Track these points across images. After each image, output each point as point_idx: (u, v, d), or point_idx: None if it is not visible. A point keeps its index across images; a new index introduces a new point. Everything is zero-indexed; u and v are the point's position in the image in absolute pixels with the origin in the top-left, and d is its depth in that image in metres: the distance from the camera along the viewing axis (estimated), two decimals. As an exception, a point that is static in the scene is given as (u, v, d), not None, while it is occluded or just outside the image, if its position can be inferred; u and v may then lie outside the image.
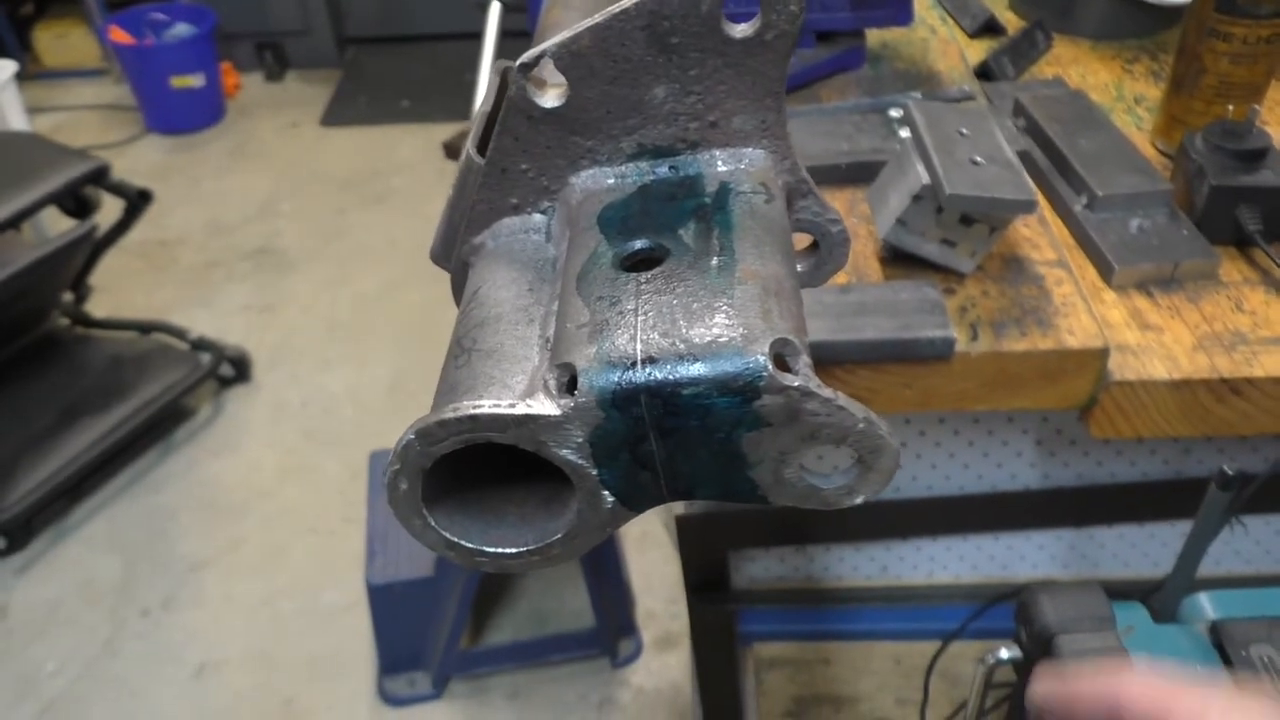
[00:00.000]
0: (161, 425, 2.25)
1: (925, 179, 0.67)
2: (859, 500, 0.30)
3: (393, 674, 1.74)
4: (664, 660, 1.78)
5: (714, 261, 0.30)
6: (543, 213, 0.37)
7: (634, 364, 0.28)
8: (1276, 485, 0.81)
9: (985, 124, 0.72)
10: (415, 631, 1.70)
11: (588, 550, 0.32)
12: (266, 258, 2.81)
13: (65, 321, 2.30)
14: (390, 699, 1.73)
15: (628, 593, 1.81)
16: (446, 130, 3.19)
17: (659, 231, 0.33)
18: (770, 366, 0.27)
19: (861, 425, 0.28)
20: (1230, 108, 0.79)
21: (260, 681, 1.80)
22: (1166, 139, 0.87)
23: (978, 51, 1.03)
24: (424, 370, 2.33)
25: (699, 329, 0.28)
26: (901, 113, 0.83)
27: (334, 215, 2.95)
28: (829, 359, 0.66)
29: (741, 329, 0.28)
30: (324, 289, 2.68)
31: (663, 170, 0.35)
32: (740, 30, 0.32)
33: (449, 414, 0.29)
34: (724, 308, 0.29)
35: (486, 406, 0.28)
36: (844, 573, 1.06)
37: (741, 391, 0.27)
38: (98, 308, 2.37)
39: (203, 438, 2.28)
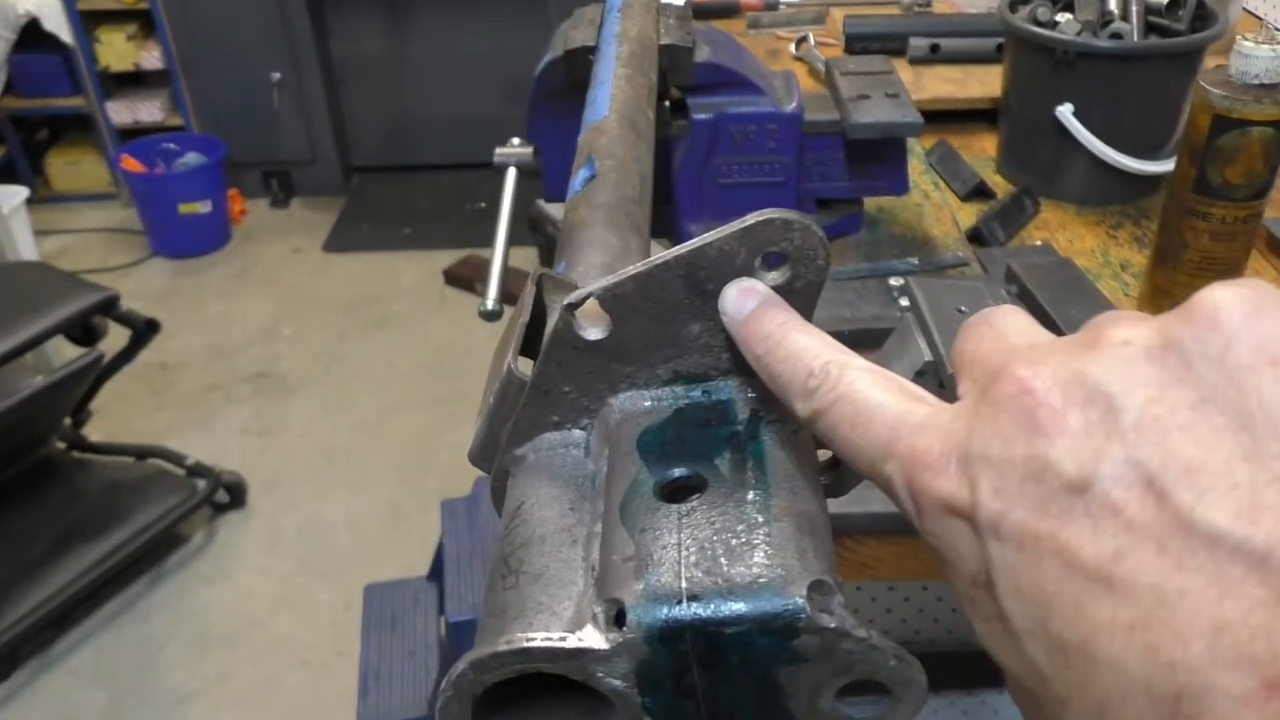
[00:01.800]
0: (153, 552, 2.23)
1: (928, 356, 0.70)
2: (887, 726, 0.31)
3: (382, 818, 1.69)
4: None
5: (750, 495, 0.33)
6: (582, 428, 0.39)
7: (680, 601, 0.30)
8: None
9: (980, 300, 0.75)
10: (407, 773, 1.66)
11: (626, 766, 0.33)
12: (266, 381, 2.83)
13: (62, 446, 2.31)
14: (378, 845, 1.68)
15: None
16: (448, 257, 3.27)
17: (695, 460, 0.35)
18: (808, 609, 0.29)
19: (893, 663, 0.30)
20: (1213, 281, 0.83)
21: (244, 825, 1.75)
22: (1153, 308, 0.91)
23: (969, 214, 1.08)
24: (422, 498, 2.33)
25: (740, 567, 0.30)
26: (901, 282, 0.87)
27: (335, 340, 2.99)
28: (837, 529, 0.67)
29: (780, 569, 0.30)
30: (322, 414, 2.70)
31: (696, 395, 0.38)
32: (771, 279, 0.35)
33: (503, 646, 0.30)
34: (762, 545, 0.31)
35: (539, 640, 0.30)
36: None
37: (781, 631, 0.29)
38: (95, 431, 2.38)
39: (195, 565, 2.26)
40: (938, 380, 0.71)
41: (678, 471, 0.35)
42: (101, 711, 1.94)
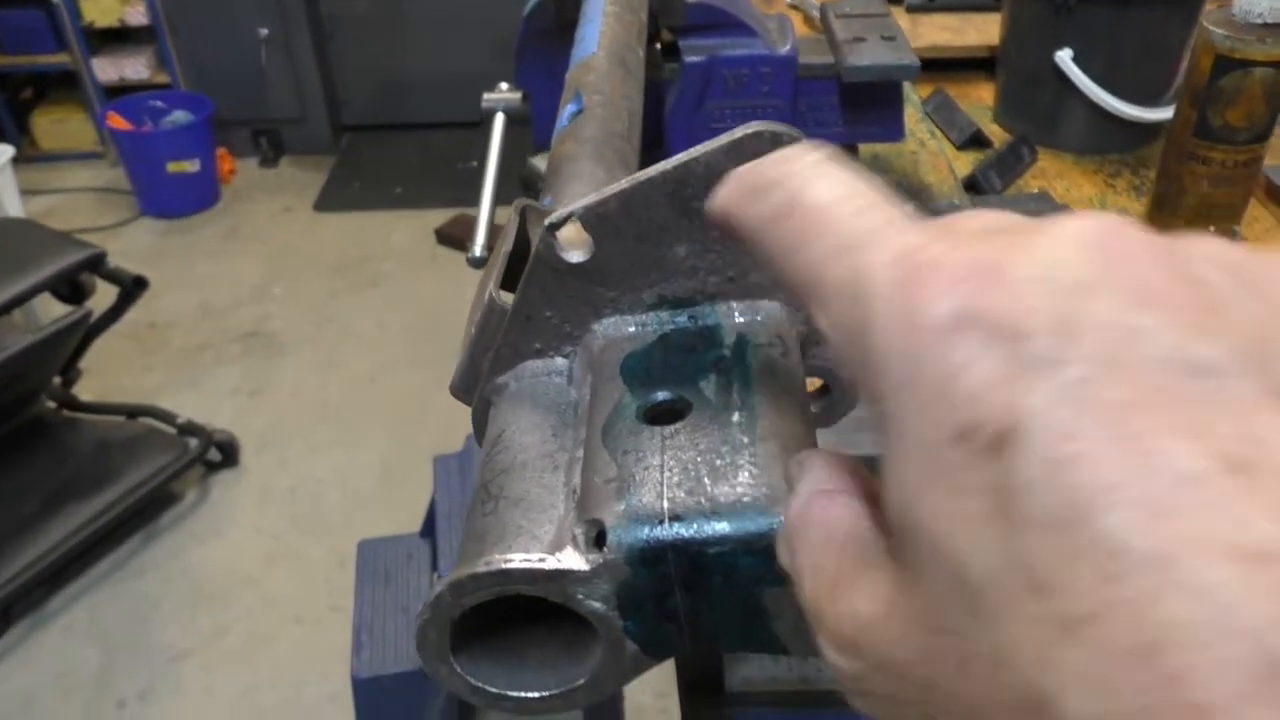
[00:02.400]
0: (146, 511, 2.23)
1: (920, 298, 0.69)
2: (877, 653, 0.31)
3: (376, 771, 1.71)
4: (653, 758, 1.75)
5: (735, 417, 0.32)
6: (565, 356, 0.38)
7: (661, 521, 0.29)
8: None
9: (977, 243, 0.74)
10: (400, 727, 1.67)
11: (609, 694, 0.33)
12: (257, 341, 2.82)
13: (52, 405, 2.30)
14: (373, 798, 1.69)
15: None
16: (439, 216, 3.24)
17: (680, 383, 0.34)
18: (793, 527, 0.28)
19: (880, 583, 0.29)
20: (1211, 228, 0.82)
21: (239, 778, 1.76)
22: (1150, 254, 0.90)
23: (965, 163, 1.07)
24: (414, 455, 2.32)
25: (724, 487, 0.29)
26: (894, 228, 0.86)
27: (325, 300, 2.97)
28: (829, 474, 0.67)
29: (765, 488, 0.29)
30: (314, 373, 2.69)
31: (682, 320, 0.36)
32: (759, 196, 0.34)
33: (481, 568, 0.29)
34: (747, 465, 0.30)
35: (517, 561, 0.29)
36: (839, 676, 1.06)
37: (765, 551, 0.28)
38: (86, 390, 2.37)
39: (188, 524, 2.26)
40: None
41: (661, 395, 0.34)
42: (96, 668, 1.95)
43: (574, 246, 0.36)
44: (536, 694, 0.33)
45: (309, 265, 3.13)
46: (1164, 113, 1.04)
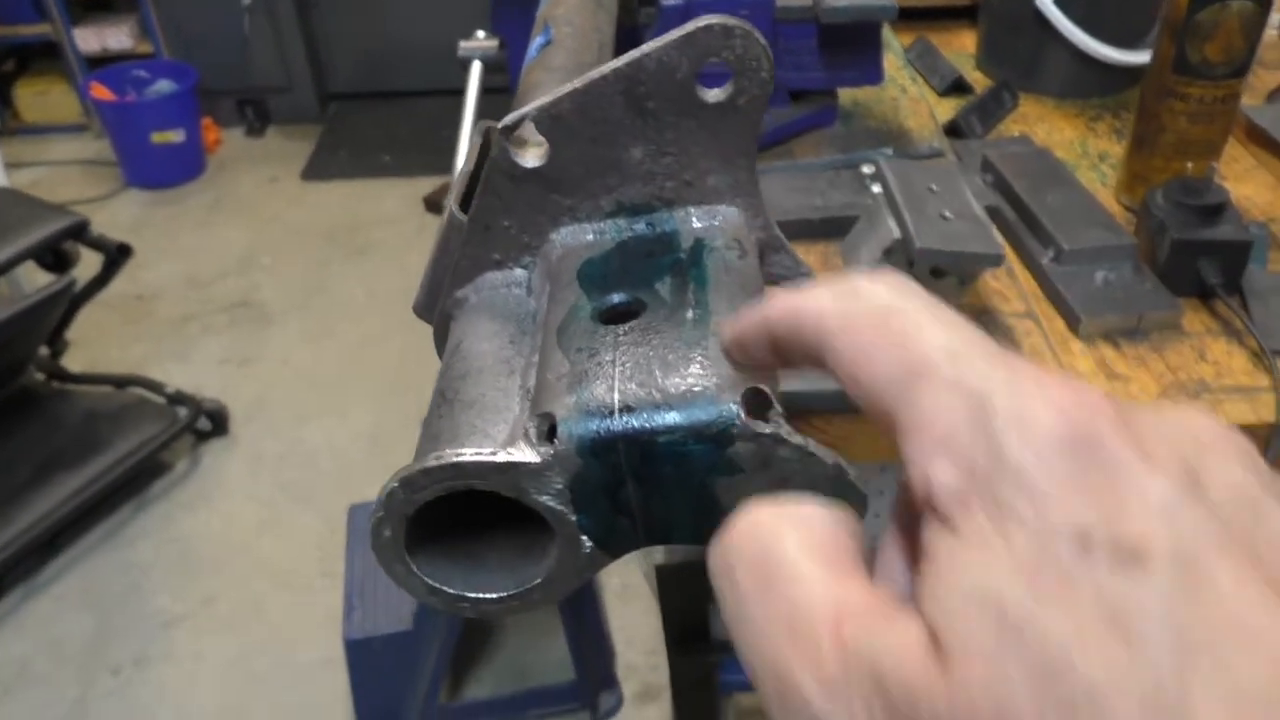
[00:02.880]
0: (137, 479, 2.23)
1: (896, 234, 0.69)
2: (831, 544, 0.31)
3: (370, 731, 1.72)
4: (645, 713, 1.76)
5: (689, 315, 0.32)
6: (524, 267, 0.38)
7: (612, 413, 0.29)
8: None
9: (954, 181, 0.74)
10: (393, 687, 1.67)
11: (567, 594, 0.33)
12: (245, 311, 2.81)
13: (40, 376, 2.29)
14: (367, 757, 1.71)
15: (608, 645, 1.79)
16: (427, 185, 3.22)
17: (636, 286, 0.34)
18: (742, 414, 0.28)
19: (831, 471, 0.29)
20: (1189, 165, 0.82)
21: (234, 741, 1.77)
22: (1129, 195, 0.89)
23: (947, 110, 1.06)
24: (404, 423, 2.32)
25: (674, 379, 0.29)
26: (873, 169, 0.85)
27: (314, 269, 2.96)
28: (805, 409, 0.67)
29: (715, 378, 0.29)
30: (303, 342, 2.68)
31: (640, 227, 0.36)
32: (713, 95, 0.33)
33: (432, 462, 0.29)
34: (698, 359, 0.30)
35: (469, 454, 0.29)
36: (823, 623, 1.06)
37: (715, 439, 0.28)
38: (74, 362, 2.36)
39: (178, 492, 2.26)
40: (906, 258, 0.70)
41: (617, 297, 0.34)
42: (89, 634, 1.96)
43: (529, 152, 0.35)
44: (495, 594, 0.33)
45: (297, 235, 3.11)
46: (1145, 55, 1.03)
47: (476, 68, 0.94)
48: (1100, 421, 0.18)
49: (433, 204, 3.16)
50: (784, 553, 0.21)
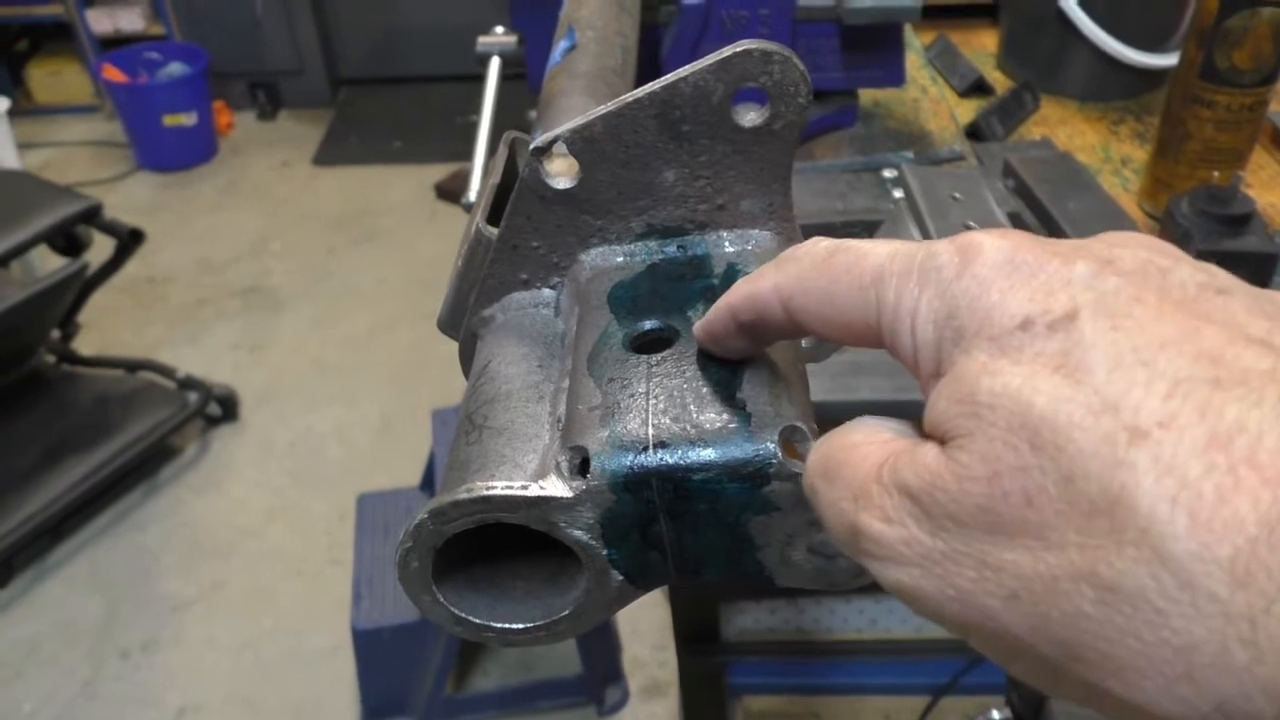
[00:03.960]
0: (147, 464, 2.24)
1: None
2: (862, 583, 0.30)
3: (377, 720, 1.73)
4: (650, 709, 1.77)
5: (723, 345, 0.31)
6: (552, 287, 0.37)
7: (646, 448, 0.28)
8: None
9: (976, 188, 0.73)
10: (400, 677, 1.68)
11: (593, 627, 0.33)
12: (256, 296, 2.81)
13: (51, 359, 2.29)
14: (373, 746, 1.72)
15: (615, 640, 1.80)
16: (438, 171, 3.22)
17: (668, 313, 0.33)
18: (779, 453, 0.28)
19: (868, 511, 0.28)
20: (1215, 174, 0.81)
21: (241, 727, 1.78)
22: (1153, 202, 0.88)
23: (967, 110, 1.05)
24: (413, 410, 2.32)
25: (709, 414, 0.29)
26: (895, 174, 0.85)
27: (324, 255, 2.96)
28: (825, 419, 0.66)
29: (751, 416, 0.28)
30: (313, 328, 2.68)
31: (671, 250, 0.36)
32: (749, 120, 0.33)
33: (463, 495, 0.29)
34: (733, 395, 0.29)
35: (499, 488, 0.29)
36: (834, 625, 1.06)
37: (751, 478, 0.28)
38: (85, 345, 2.36)
39: (188, 477, 2.26)
40: (929, 268, 0.69)
41: (649, 324, 0.33)
42: (99, 617, 1.96)
43: (560, 173, 0.35)
44: (521, 625, 0.32)
45: (308, 220, 3.11)
46: (1169, 58, 1.02)
47: (495, 63, 0.93)
48: (1025, 242, 0.23)
49: (444, 191, 3.15)
50: (845, 443, 0.26)
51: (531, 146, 0.34)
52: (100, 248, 2.07)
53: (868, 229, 0.79)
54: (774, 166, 0.34)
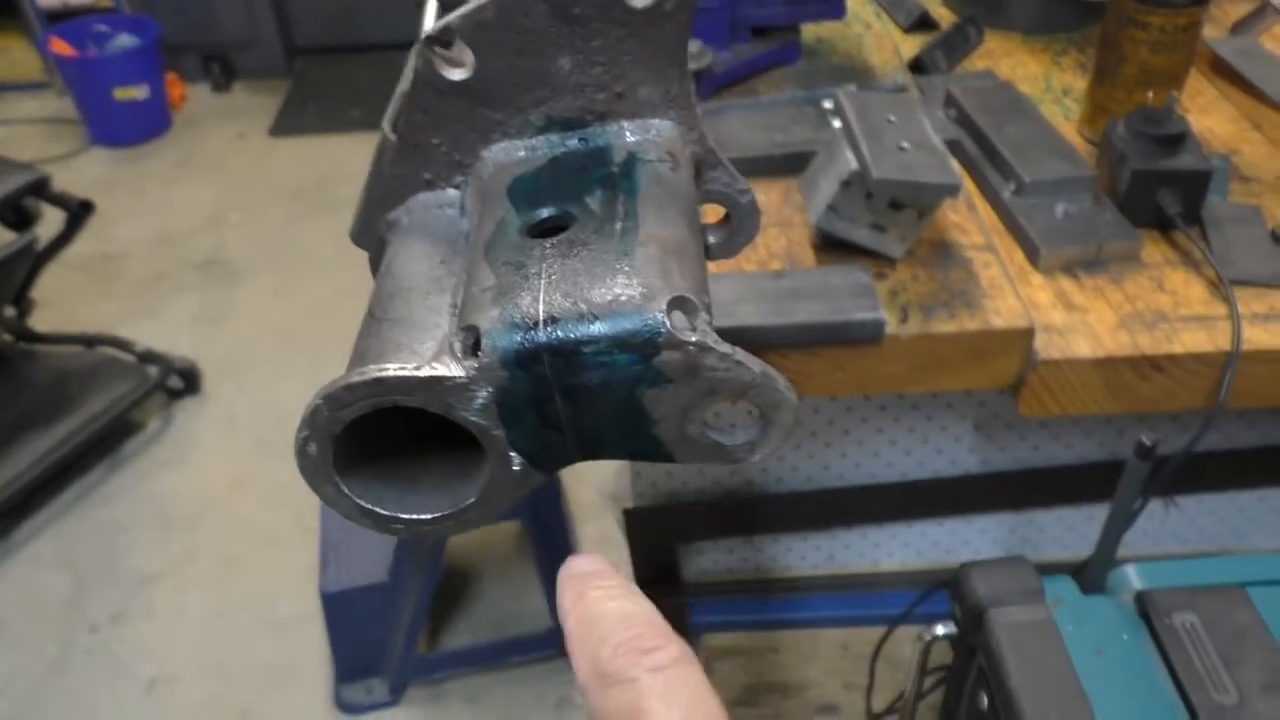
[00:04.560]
0: (109, 439, 2.21)
1: (854, 165, 0.69)
2: (760, 456, 0.31)
3: (349, 682, 1.73)
4: (622, 661, 1.78)
5: (618, 226, 0.31)
6: (456, 187, 0.37)
7: (536, 324, 0.28)
8: (1204, 463, 0.83)
9: (913, 113, 0.73)
10: (371, 638, 1.68)
11: (502, 513, 0.33)
12: (215, 269, 2.78)
13: (7, 337, 2.26)
14: (347, 707, 1.72)
15: (585, 594, 1.80)
16: (397, 138, 3.18)
17: (566, 200, 0.33)
18: (668, 323, 0.28)
19: (759, 379, 0.28)
20: (1150, 95, 0.82)
21: (214, 694, 1.78)
22: (1091, 128, 0.89)
23: (912, 46, 1.05)
24: (377, 378, 2.31)
25: (600, 289, 0.29)
26: (833, 104, 0.84)
27: (283, 225, 2.93)
28: (762, 343, 0.67)
29: (641, 288, 0.28)
30: (274, 299, 2.66)
31: (572, 142, 0.36)
32: (641, 0, 0.32)
33: (355, 378, 0.29)
34: (624, 269, 0.29)
35: (393, 369, 0.29)
36: (791, 562, 1.07)
37: (641, 348, 0.28)
38: (41, 322, 2.33)
39: (152, 451, 2.25)
40: (865, 190, 0.69)
41: (546, 211, 0.33)
42: (66, 593, 1.95)
43: (455, 64, 0.34)
44: (428, 515, 0.33)
45: (265, 191, 3.07)
46: (1110, -12, 1.02)
47: (432, 4, 0.92)
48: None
49: (404, 158, 3.12)
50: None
51: (423, 36, 0.33)
52: (51, 222, 2.04)
53: (806, 160, 0.79)
54: (669, 50, 0.34)
